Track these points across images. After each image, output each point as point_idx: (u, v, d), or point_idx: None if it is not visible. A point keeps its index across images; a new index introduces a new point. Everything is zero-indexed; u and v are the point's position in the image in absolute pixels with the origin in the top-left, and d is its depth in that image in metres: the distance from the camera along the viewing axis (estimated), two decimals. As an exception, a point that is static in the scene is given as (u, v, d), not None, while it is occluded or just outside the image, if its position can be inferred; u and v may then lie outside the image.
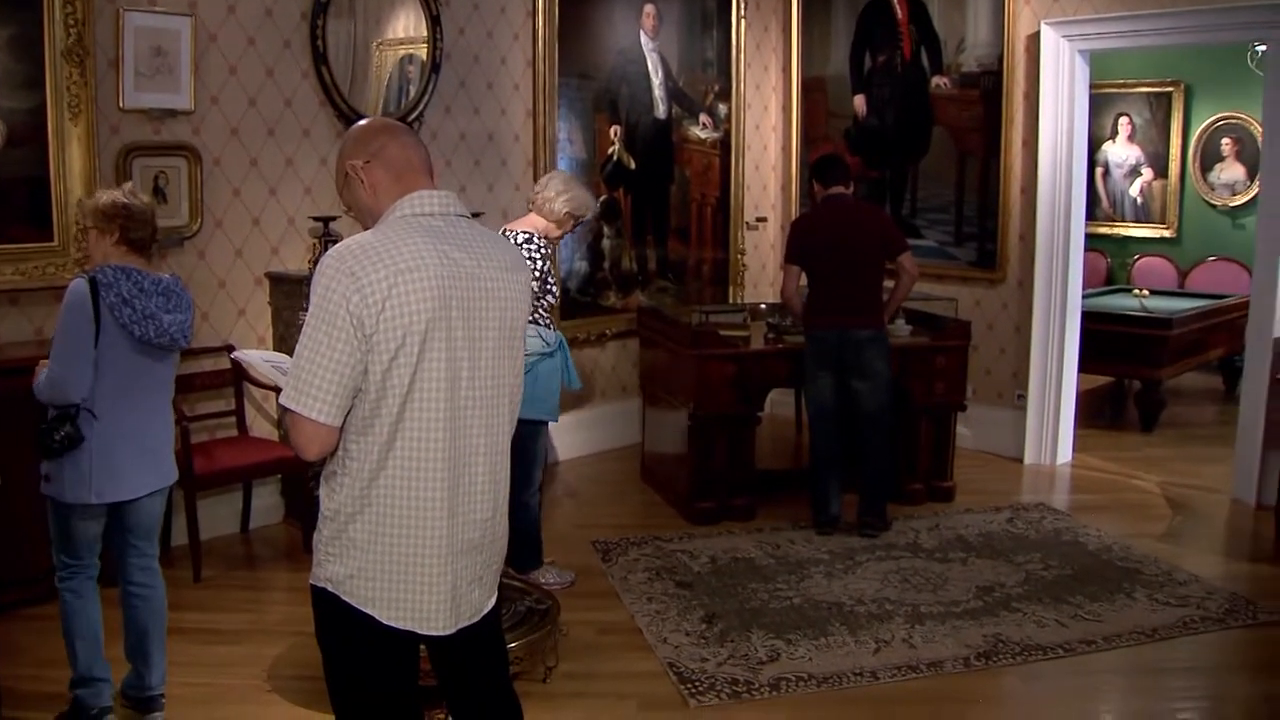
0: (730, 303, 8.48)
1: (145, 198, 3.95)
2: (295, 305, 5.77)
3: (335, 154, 2.79)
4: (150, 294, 3.78)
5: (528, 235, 5.16)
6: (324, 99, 6.24)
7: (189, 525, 5.49)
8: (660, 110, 8.11)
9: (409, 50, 6.71)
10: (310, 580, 2.65)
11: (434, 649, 2.79)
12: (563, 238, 5.45)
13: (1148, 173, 11.36)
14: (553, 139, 7.39)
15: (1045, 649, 4.78)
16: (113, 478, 3.82)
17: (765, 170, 9.07)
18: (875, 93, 8.42)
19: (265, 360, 3.22)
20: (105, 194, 3.88)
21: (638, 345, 7.46)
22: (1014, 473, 7.55)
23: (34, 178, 5.25)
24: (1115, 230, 11.58)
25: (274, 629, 4.91)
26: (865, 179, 8.30)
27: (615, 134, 7.80)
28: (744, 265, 8.83)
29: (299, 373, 2.46)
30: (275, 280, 6.10)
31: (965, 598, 5.32)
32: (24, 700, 4.18)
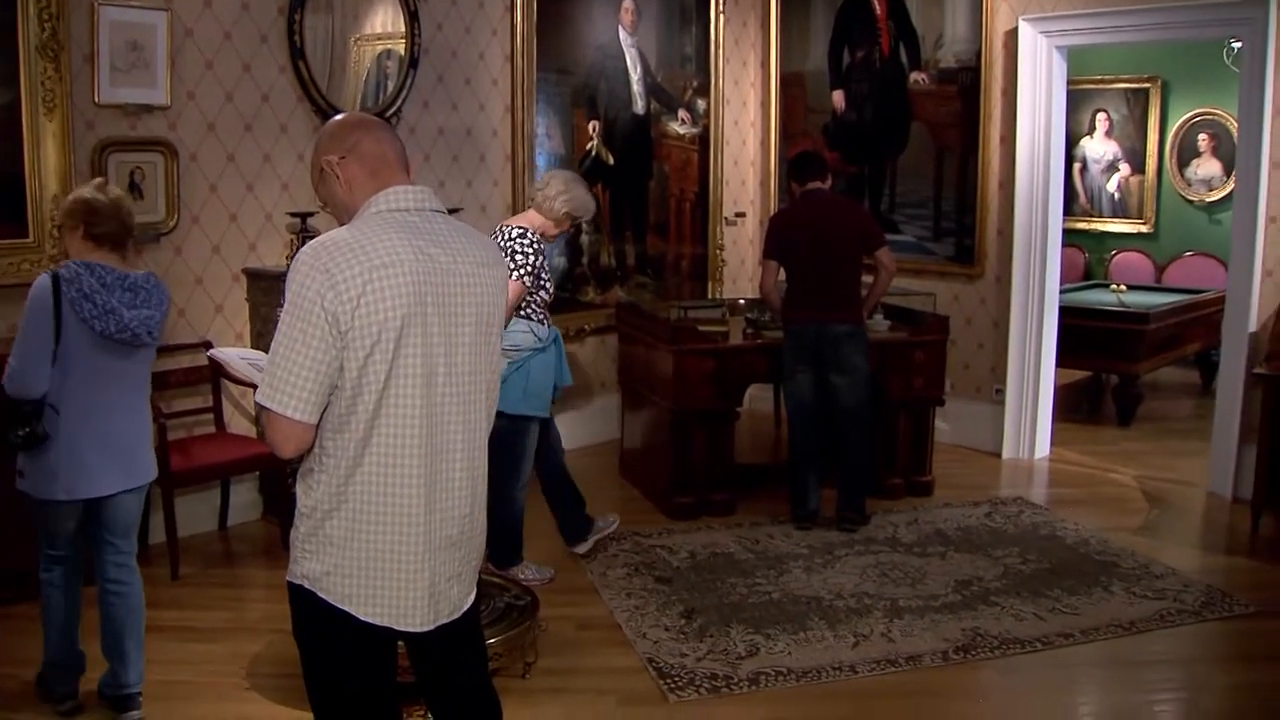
0: (709, 298, 8.48)
1: (115, 193, 3.92)
2: (273, 301, 5.75)
3: (312, 149, 2.78)
4: (113, 289, 3.76)
5: (521, 230, 5.14)
6: (301, 94, 6.22)
7: (167, 522, 5.46)
8: (639, 106, 8.10)
9: (387, 45, 6.68)
10: (287, 577, 2.64)
11: (412, 646, 2.78)
12: (559, 236, 5.46)
13: (1125, 168, 11.40)
14: (531, 134, 7.38)
15: (1023, 642, 4.80)
16: (81, 475, 3.82)
17: (744, 166, 9.07)
18: (854, 88, 8.43)
19: (242, 358, 3.22)
20: (76, 191, 3.90)
21: (616, 341, 7.46)
22: (992, 467, 7.58)
23: (8, 174, 5.20)
24: (1093, 225, 11.62)
25: (252, 626, 4.90)
26: (844, 174, 8.32)
27: (594, 129, 7.79)
28: (723, 260, 8.84)
29: (274, 370, 2.44)
30: (253, 276, 6.07)
31: (944, 592, 5.34)
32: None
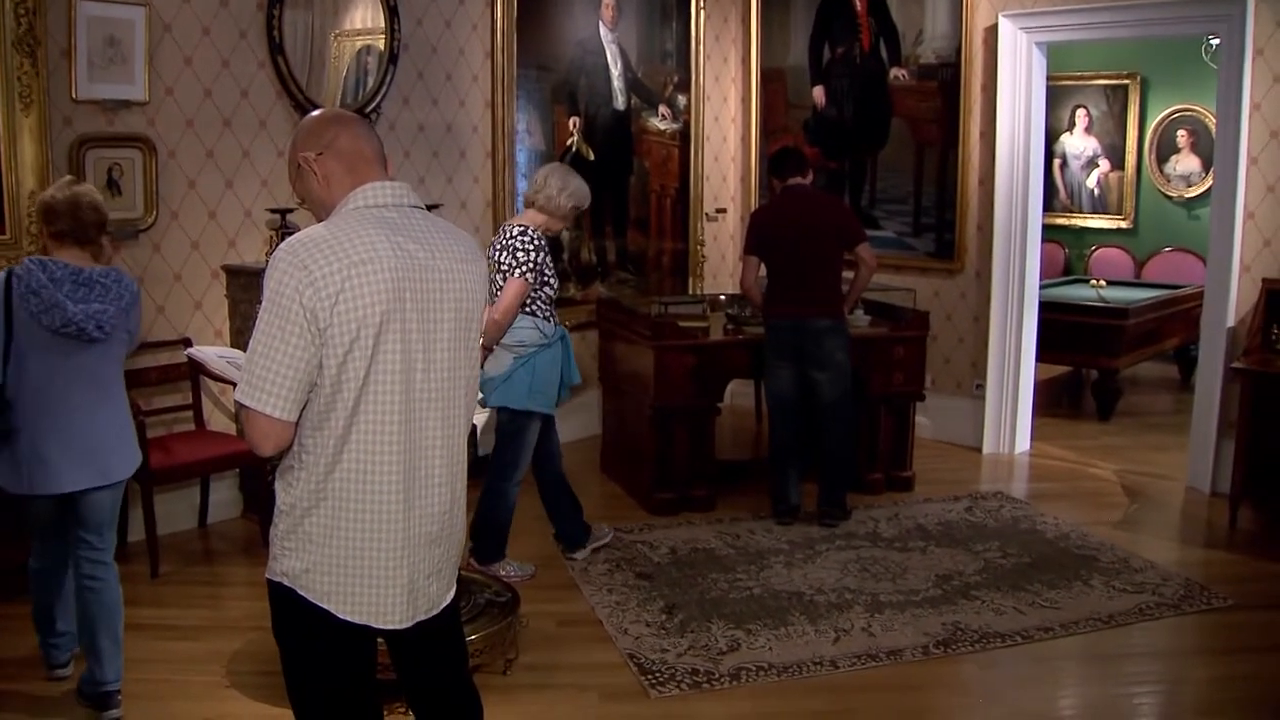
0: (690, 294, 8.50)
1: (78, 190, 3.93)
2: (253, 298, 5.72)
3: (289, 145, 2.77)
4: (62, 284, 3.77)
5: (522, 228, 5.18)
6: (281, 90, 6.19)
7: (146, 520, 5.44)
8: (619, 101, 8.10)
9: (367, 41, 6.66)
10: (267, 575, 2.64)
11: (392, 643, 2.78)
12: (562, 229, 5.49)
13: (1105, 164, 11.44)
14: (511, 130, 7.37)
15: (1003, 636, 4.82)
16: (43, 470, 3.86)
17: (724, 161, 9.08)
18: (834, 84, 8.44)
19: (220, 356, 3.21)
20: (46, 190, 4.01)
21: (597, 337, 7.45)
22: (972, 462, 7.61)
23: (-15, 171, 5.18)
24: (1072, 221, 11.66)
25: (232, 624, 4.87)
26: (824, 170, 8.33)
27: (574, 125, 7.78)
28: (703, 256, 8.84)
29: (253, 368, 2.44)
30: (232, 273, 6.05)
31: (924, 586, 5.35)
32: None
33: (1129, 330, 8.61)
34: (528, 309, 5.20)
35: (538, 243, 5.16)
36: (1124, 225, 11.40)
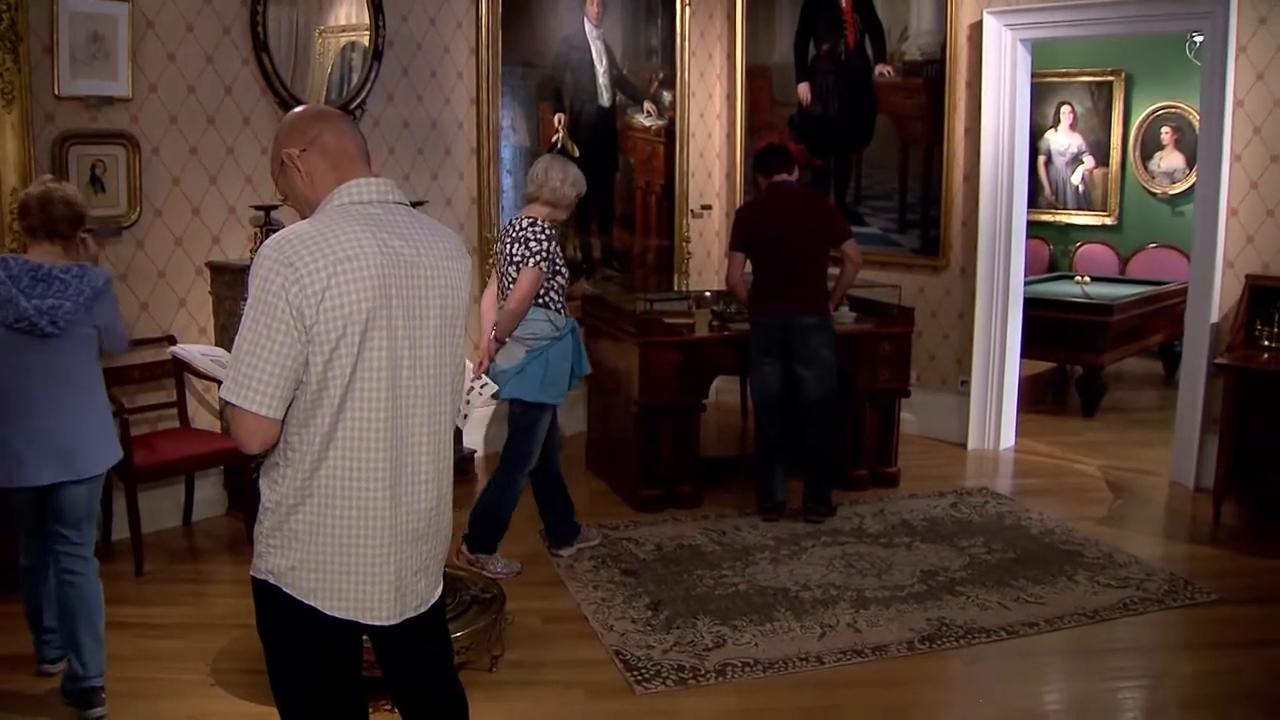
0: (675, 290, 8.49)
1: (49, 186, 3.97)
2: (237, 295, 5.71)
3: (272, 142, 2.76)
4: (20, 279, 3.79)
5: (532, 219, 5.25)
6: (265, 87, 6.17)
7: (130, 518, 5.42)
8: (604, 98, 8.09)
9: (351, 38, 6.65)
10: (251, 573, 2.63)
11: (378, 640, 2.78)
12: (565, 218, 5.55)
13: (1089, 161, 11.48)
14: (497, 127, 7.36)
15: (988, 631, 4.83)
16: (12, 463, 3.88)
17: (710, 158, 9.07)
18: (819, 81, 8.45)
19: (204, 354, 3.20)
20: None
21: (582, 333, 7.43)
22: (957, 458, 7.63)
23: (-33, 168, 5.15)
24: (1057, 218, 11.69)
25: (217, 622, 4.86)
26: (809, 167, 8.33)
27: (559, 122, 7.78)
28: (689, 253, 8.84)
29: (239, 365, 2.43)
30: (216, 270, 6.02)
31: (909, 582, 5.36)
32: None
33: (1113, 326, 8.64)
34: (541, 300, 5.24)
35: (549, 232, 5.24)
36: (1108, 222, 11.44)
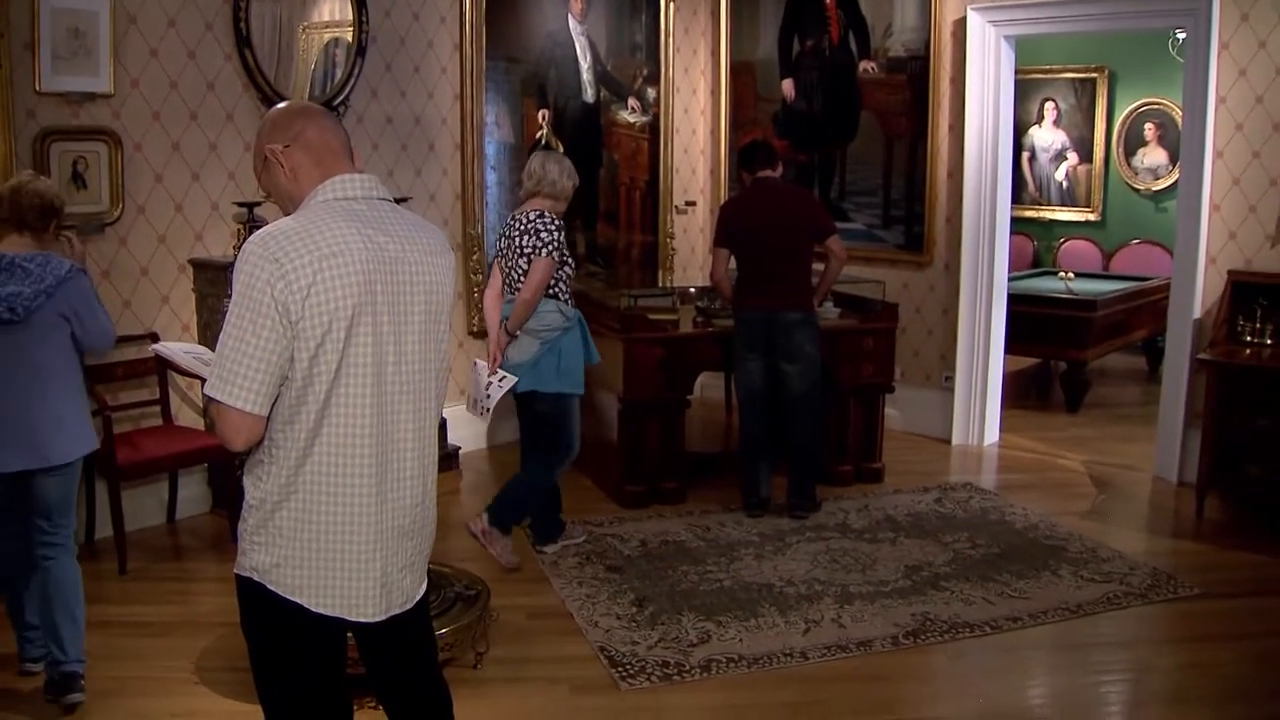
0: (659, 286, 8.48)
1: (23, 180, 4.02)
2: (220, 292, 5.69)
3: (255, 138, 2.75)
4: None
5: (539, 212, 5.31)
6: (248, 82, 6.15)
7: (114, 516, 5.40)
8: (589, 94, 8.08)
9: (335, 33, 6.63)
10: (235, 570, 2.62)
11: (362, 637, 2.77)
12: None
13: (1073, 157, 11.51)
14: (480, 123, 7.35)
15: (973, 626, 4.84)
16: None
17: (694, 154, 9.07)
18: (803, 77, 8.45)
19: (187, 352, 3.19)
20: None
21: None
22: (942, 453, 7.64)
23: (-53, 163, 5.13)
24: (1041, 214, 11.72)
25: (202, 620, 4.84)
26: (793, 163, 8.34)
27: (543, 118, 7.76)
28: (673, 249, 8.84)
29: (224, 362, 2.42)
30: (199, 267, 6.00)
31: (894, 577, 5.38)
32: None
33: (1097, 322, 8.67)
34: (550, 290, 5.28)
35: (558, 223, 5.30)
36: (1092, 218, 11.48)
